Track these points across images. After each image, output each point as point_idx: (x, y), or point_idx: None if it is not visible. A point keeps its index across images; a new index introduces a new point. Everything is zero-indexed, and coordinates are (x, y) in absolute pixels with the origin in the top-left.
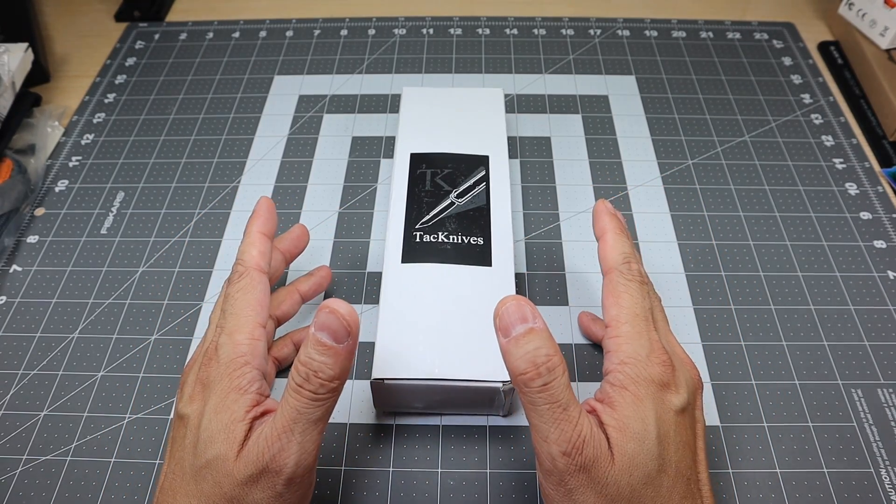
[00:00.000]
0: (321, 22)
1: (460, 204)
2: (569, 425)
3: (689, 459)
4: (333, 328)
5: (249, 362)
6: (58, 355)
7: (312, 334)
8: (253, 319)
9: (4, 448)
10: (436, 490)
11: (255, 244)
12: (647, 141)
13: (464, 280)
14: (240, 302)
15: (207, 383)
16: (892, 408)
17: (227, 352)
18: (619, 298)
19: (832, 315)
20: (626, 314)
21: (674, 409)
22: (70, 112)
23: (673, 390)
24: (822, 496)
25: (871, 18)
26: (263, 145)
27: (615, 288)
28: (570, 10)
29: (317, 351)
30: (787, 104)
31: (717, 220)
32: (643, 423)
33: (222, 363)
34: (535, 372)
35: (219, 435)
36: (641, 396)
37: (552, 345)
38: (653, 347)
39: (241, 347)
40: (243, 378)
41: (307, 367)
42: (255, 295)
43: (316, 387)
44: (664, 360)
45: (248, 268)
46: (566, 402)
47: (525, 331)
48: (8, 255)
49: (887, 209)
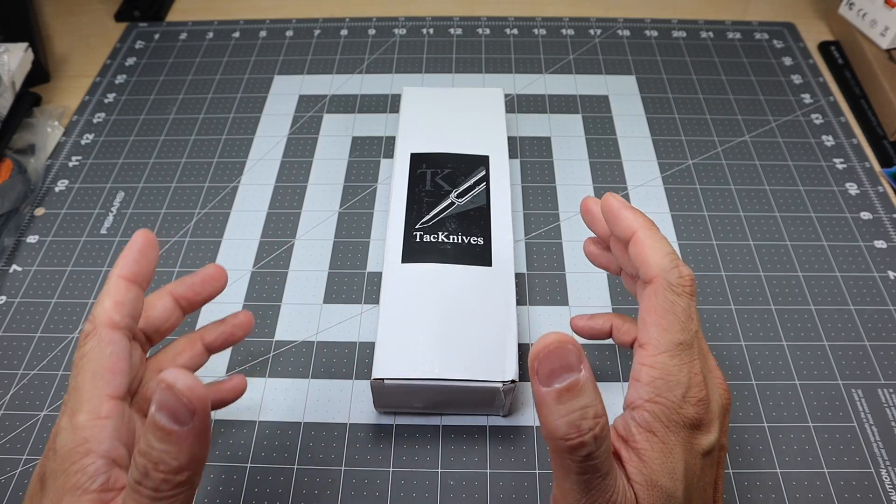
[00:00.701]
0: (321, 22)
1: (460, 204)
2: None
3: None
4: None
5: (93, 450)
6: (58, 355)
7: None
8: (99, 392)
9: (4, 448)
10: (436, 490)
11: (109, 293)
12: (647, 141)
13: (464, 280)
14: (84, 372)
15: (44, 480)
16: (892, 408)
17: (66, 440)
18: (663, 318)
19: (832, 315)
20: (668, 341)
21: (701, 451)
22: (70, 112)
23: (704, 430)
24: (822, 496)
25: (871, 18)
26: (263, 145)
27: (660, 304)
28: (570, 10)
29: (156, 437)
30: (787, 104)
31: (717, 220)
32: (672, 479)
33: (59, 454)
34: (579, 440)
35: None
36: (671, 445)
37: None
38: (691, 383)
39: (81, 433)
40: (83, 474)
41: (146, 457)
42: (101, 361)
43: (157, 483)
44: (701, 399)
45: (97, 326)
46: (608, 470)
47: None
48: (8, 255)
49: (888, 209)
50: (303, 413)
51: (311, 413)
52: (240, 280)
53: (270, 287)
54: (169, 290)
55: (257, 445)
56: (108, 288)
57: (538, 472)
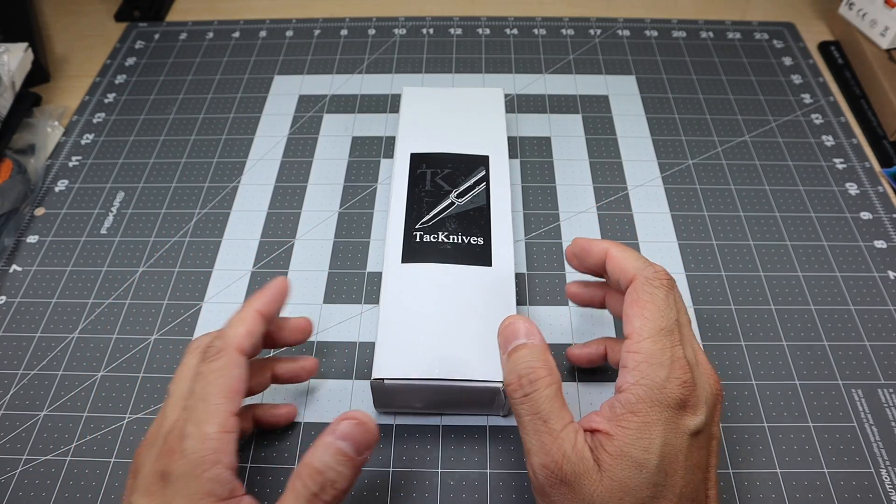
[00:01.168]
0: (321, 22)
1: (460, 204)
2: (549, 437)
3: (698, 481)
4: (358, 440)
5: (222, 461)
6: (58, 355)
7: (334, 443)
8: (225, 408)
9: (4, 448)
10: (436, 490)
11: (245, 322)
12: (647, 141)
13: (464, 280)
14: (213, 386)
15: (168, 478)
16: (892, 408)
17: (195, 446)
18: (643, 308)
19: (832, 315)
20: (650, 328)
21: (688, 432)
22: (70, 112)
23: (690, 412)
24: (822, 496)
25: (871, 18)
26: (263, 145)
27: (639, 296)
28: (570, 10)
29: (336, 461)
30: (787, 104)
31: (717, 220)
32: (645, 452)
33: (189, 459)
34: (517, 383)
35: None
36: (651, 422)
37: (541, 359)
38: (674, 366)
39: (211, 443)
40: (216, 483)
41: (324, 476)
42: (230, 381)
43: (330, 498)
44: (685, 381)
45: (229, 347)
46: (547, 414)
47: (518, 345)
48: (8, 255)
49: (887, 209)
50: (303, 413)
51: (311, 413)
52: (240, 280)
53: None
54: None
55: (257, 445)
56: (243, 316)
57: None
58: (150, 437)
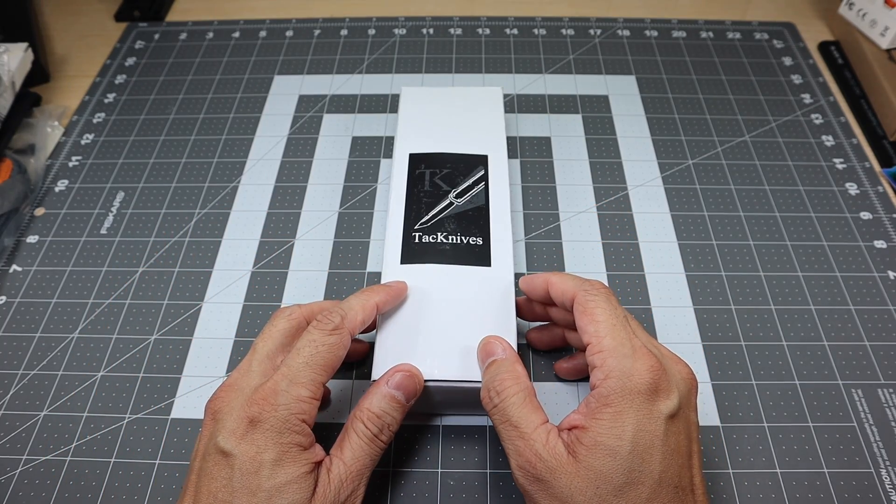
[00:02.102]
0: (321, 22)
1: (459, 204)
2: (521, 441)
3: (678, 465)
4: (410, 389)
5: (307, 421)
6: (58, 355)
7: (389, 391)
8: (321, 378)
9: (4, 448)
10: (436, 490)
11: (366, 310)
12: (647, 141)
13: (463, 280)
14: (320, 356)
15: (258, 424)
16: (892, 408)
17: (288, 402)
18: (593, 315)
19: (832, 315)
20: (604, 327)
21: (663, 416)
22: (70, 112)
23: (663, 396)
24: (822, 496)
25: (871, 18)
26: (263, 145)
27: (585, 307)
28: (570, 10)
29: (391, 407)
30: (787, 104)
31: (717, 220)
32: (617, 439)
33: (280, 412)
34: (487, 396)
35: (290, 486)
36: (622, 410)
37: (509, 371)
38: (637, 354)
39: (301, 405)
40: (304, 436)
41: (382, 419)
42: (334, 358)
43: (388, 437)
44: (651, 366)
45: (345, 327)
46: (517, 420)
47: (490, 362)
48: (8, 255)
49: (887, 209)
50: None
51: None
52: (240, 280)
53: (270, 287)
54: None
55: None
56: (364, 305)
57: None
58: (232, 385)
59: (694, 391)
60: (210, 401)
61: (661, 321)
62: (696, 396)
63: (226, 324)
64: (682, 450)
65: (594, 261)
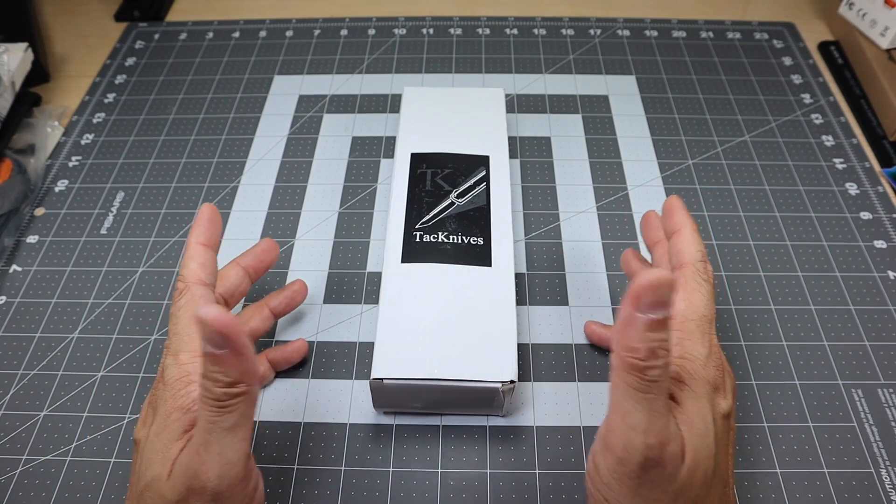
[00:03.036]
0: (321, 22)
1: (460, 204)
2: (661, 419)
3: (727, 462)
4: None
5: (193, 380)
6: (58, 355)
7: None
8: (195, 336)
9: (4, 448)
10: (436, 490)
11: (193, 257)
12: (647, 141)
13: (464, 280)
14: (182, 319)
15: (155, 405)
16: (892, 408)
17: (172, 373)
18: (692, 296)
19: (832, 315)
20: (693, 313)
21: (722, 412)
22: (70, 112)
23: (722, 394)
24: (822, 496)
25: (871, 18)
26: (263, 145)
27: (688, 283)
28: (570, 10)
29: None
30: (787, 104)
31: (717, 220)
32: (704, 422)
33: (168, 384)
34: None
35: (156, 456)
36: (700, 394)
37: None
38: (712, 350)
39: (185, 367)
40: (187, 397)
41: (206, 378)
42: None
43: (218, 395)
44: (719, 364)
45: (188, 283)
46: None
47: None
48: (8, 255)
49: (887, 209)
50: (303, 413)
51: (311, 413)
52: None
53: (270, 287)
54: (237, 262)
55: (257, 445)
56: (190, 253)
57: (538, 471)
58: None
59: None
60: None
61: None
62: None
63: None
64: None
65: (594, 261)
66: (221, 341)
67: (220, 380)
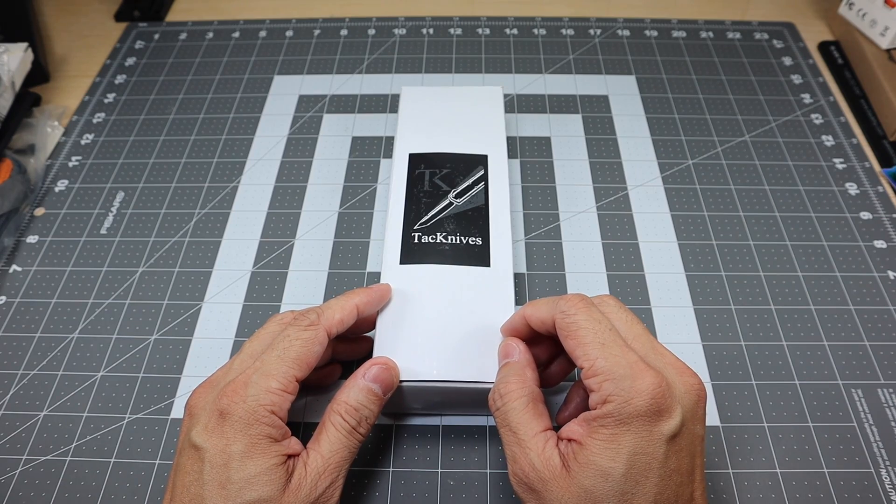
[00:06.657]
0: (321, 22)
1: (459, 204)
2: (517, 447)
3: (677, 485)
4: (387, 383)
5: (277, 413)
6: (58, 355)
7: (366, 384)
8: (294, 373)
9: (4, 448)
10: (436, 490)
11: (344, 310)
12: (647, 141)
13: (463, 281)
14: (294, 350)
15: (227, 417)
16: (892, 408)
17: (257, 394)
18: (577, 337)
19: (832, 315)
20: (593, 348)
21: (664, 437)
22: (70, 112)
23: (665, 416)
24: (822, 496)
25: (871, 18)
26: (263, 145)
27: (567, 330)
28: (570, 10)
29: (368, 399)
30: (787, 104)
31: (717, 220)
32: (611, 461)
33: (249, 404)
34: (492, 398)
35: (259, 478)
36: (619, 434)
37: (517, 374)
38: (636, 372)
39: (271, 396)
40: (273, 428)
41: (359, 412)
42: (309, 352)
43: (366, 430)
44: (651, 385)
45: (321, 325)
46: (515, 425)
47: (502, 364)
48: (8, 255)
49: (887, 209)
50: (303, 413)
51: (311, 413)
52: (240, 280)
53: (270, 287)
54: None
55: None
56: (343, 305)
57: None
58: (211, 381)
59: (701, 402)
60: (189, 398)
61: (661, 321)
62: (704, 407)
63: (226, 324)
64: (684, 468)
65: (594, 261)
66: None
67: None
